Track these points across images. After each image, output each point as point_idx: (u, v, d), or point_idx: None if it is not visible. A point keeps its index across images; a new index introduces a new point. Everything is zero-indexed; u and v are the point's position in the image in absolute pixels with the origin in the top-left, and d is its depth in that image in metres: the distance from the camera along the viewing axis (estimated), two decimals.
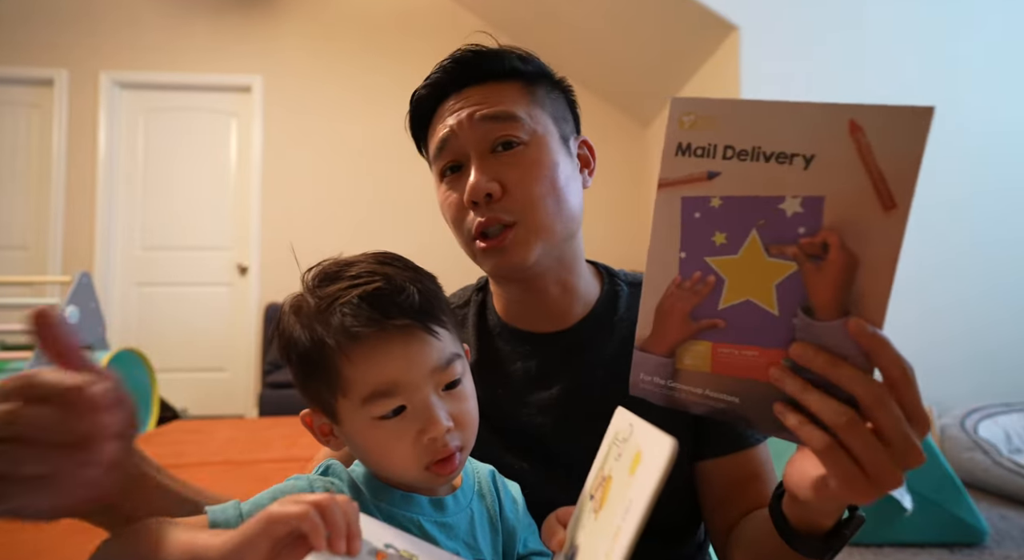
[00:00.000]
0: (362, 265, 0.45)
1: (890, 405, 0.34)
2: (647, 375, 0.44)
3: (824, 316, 0.36)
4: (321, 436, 0.48)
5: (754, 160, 0.37)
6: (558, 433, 0.61)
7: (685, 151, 0.40)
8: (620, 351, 0.63)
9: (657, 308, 0.42)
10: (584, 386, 0.62)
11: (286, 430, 2.53)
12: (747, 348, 0.39)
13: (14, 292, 3.46)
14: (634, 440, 0.38)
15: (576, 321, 0.65)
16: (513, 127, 0.59)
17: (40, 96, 3.74)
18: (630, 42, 3.08)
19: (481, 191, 0.57)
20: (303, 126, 3.85)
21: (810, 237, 0.35)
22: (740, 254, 0.38)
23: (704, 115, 0.39)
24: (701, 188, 0.39)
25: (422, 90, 0.64)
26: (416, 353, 0.43)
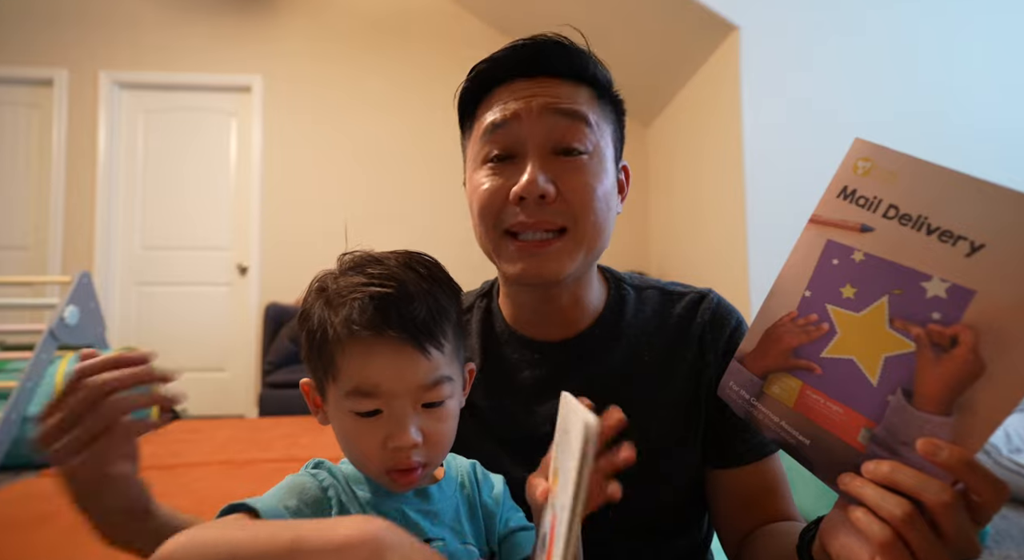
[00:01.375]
0: (385, 265, 0.46)
1: (958, 515, 0.33)
2: (736, 385, 0.45)
3: (922, 406, 0.34)
4: (313, 407, 0.50)
5: (915, 229, 0.35)
6: None
7: (848, 196, 0.38)
8: (628, 356, 0.63)
9: (766, 331, 0.42)
10: (593, 394, 0.62)
11: (286, 430, 2.53)
12: (834, 402, 0.39)
13: (14, 292, 3.46)
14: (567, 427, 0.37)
15: (584, 328, 0.64)
16: (580, 132, 0.55)
17: (40, 96, 3.73)
18: (630, 42, 3.08)
19: (537, 190, 0.53)
20: (303, 126, 3.85)
21: (942, 326, 0.33)
22: (862, 314, 0.37)
23: (882, 166, 0.37)
24: (850, 237, 0.38)
25: (487, 65, 0.59)
26: (404, 366, 0.44)
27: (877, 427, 0.37)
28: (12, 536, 1.33)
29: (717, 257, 2.84)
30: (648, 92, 3.45)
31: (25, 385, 2.33)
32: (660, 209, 3.68)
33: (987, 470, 0.33)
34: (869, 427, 0.37)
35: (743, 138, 2.52)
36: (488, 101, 0.59)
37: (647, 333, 0.64)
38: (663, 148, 3.60)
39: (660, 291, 0.67)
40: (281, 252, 3.77)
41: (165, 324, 3.72)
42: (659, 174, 3.68)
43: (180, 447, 2.27)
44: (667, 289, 0.67)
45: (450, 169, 3.79)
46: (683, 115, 3.24)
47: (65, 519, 1.43)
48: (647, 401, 0.61)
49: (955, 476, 0.33)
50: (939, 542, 0.34)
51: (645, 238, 3.89)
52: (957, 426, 0.33)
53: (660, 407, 0.61)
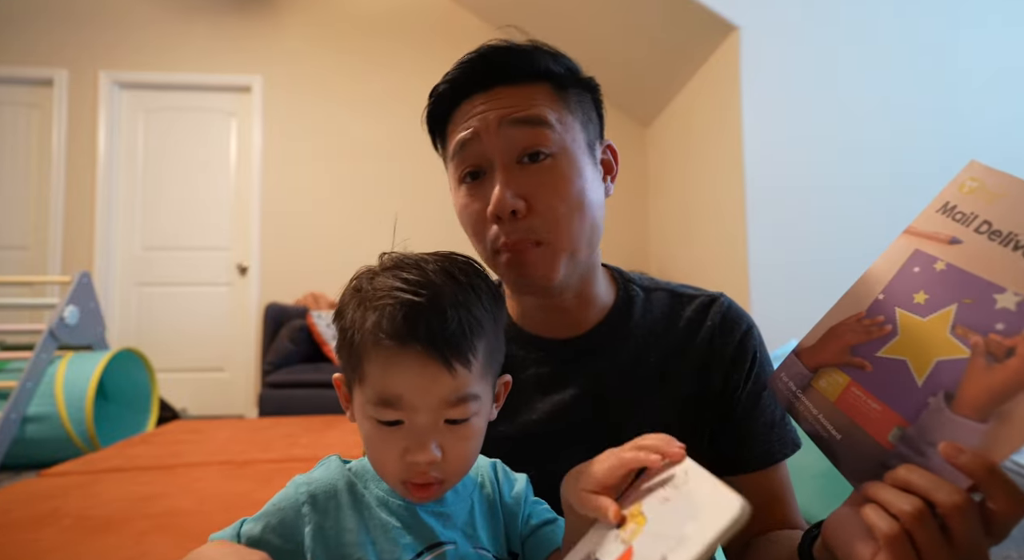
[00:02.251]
0: (422, 270, 0.44)
1: (971, 520, 0.33)
2: (787, 377, 0.46)
3: (960, 411, 0.35)
4: (344, 401, 0.49)
5: (1003, 244, 0.36)
6: (568, 438, 0.60)
7: (948, 211, 0.40)
8: (635, 356, 0.62)
9: (830, 329, 0.44)
10: (595, 391, 0.61)
11: (286, 430, 2.53)
12: (875, 400, 0.40)
13: (14, 292, 3.46)
14: (691, 490, 0.37)
15: (591, 327, 0.64)
16: (542, 136, 0.55)
17: (40, 96, 3.74)
18: (630, 42, 3.08)
19: (507, 208, 0.54)
20: (303, 126, 3.85)
21: (1003, 337, 0.34)
22: (927, 319, 0.38)
23: (988, 186, 0.39)
24: (937, 248, 0.39)
25: (443, 86, 0.60)
26: (428, 381, 0.42)
27: (910, 427, 0.37)
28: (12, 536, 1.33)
29: (717, 257, 2.84)
30: (648, 92, 3.45)
31: (25, 385, 2.33)
32: (660, 209, 3.68)
33: (1008, 479, 0.33)
34: (902, 426, 0.38)
35: (743, 138, 2.52)
36: (453, 121, 0.60)
37: (655, 334, 0.63)
38: (663, 148, 3.60)
39: (670, 293, 0.67)
40: (281, 252, 3.77)
41: (165, 324, 3.72)
42: (659, 174, 3.68)
43: (180, 447, 2.27)
44: (677, 291, 0.67)
45: None
46: (683, 115, 3.24)
47: (65, 519, 1.43)
48: (650, 401, 0.61)
49: (974, 481, 0.33)
50: (947, 546, 0.33)
51: (645, 238, 3.89)
52: (989, 433, 0.33)
53: (663, 408, 0.61)
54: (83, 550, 1.23)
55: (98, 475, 1.87)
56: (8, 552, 1.24)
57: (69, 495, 1.64)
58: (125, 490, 1.67)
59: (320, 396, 3.00)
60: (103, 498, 1.60)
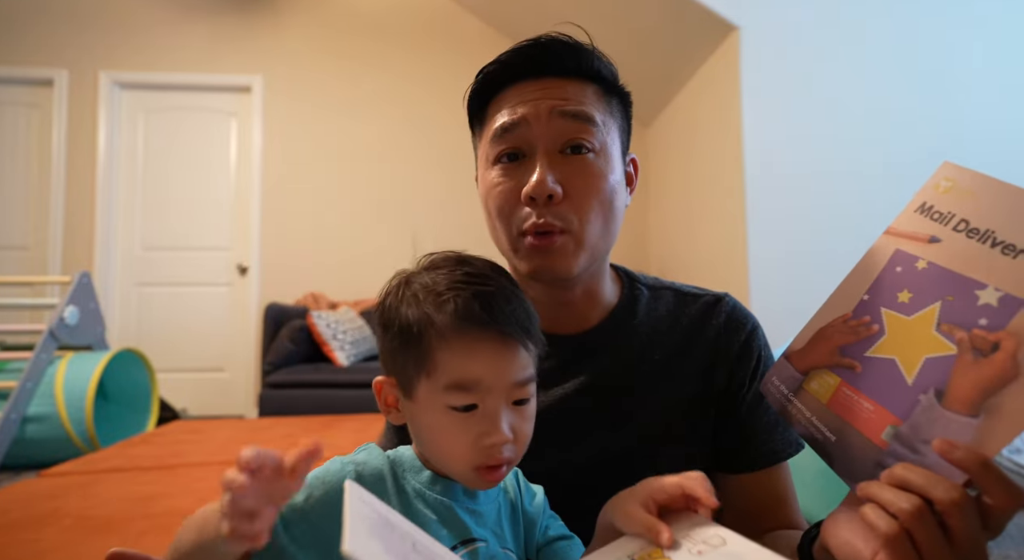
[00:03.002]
0: (480, 266, 0.48)
1: (968, 516, 0.33)
2: (778, 381, 0.47)
3: (951, 406, 0.36)
4: (384, 406, 0.50)
5: (980, 241, 0.37)
6: (568, 431, 0.61)
7: (926, 211, 0.40)
8: (638, 354, 0.63)
9: (818, 331, 0.44)
10: (598, 386, 0.62)
11: (286, 430, 2.53)
12: (867, 399, 0.40)
13: (14, 292, 3.46)
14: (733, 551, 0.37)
15: (595, 323, 0.64)
16: (587, 131, 0.57)
17: (40, 96, 3.74)
18: (630, 42, 3.08)
19: (546, 191, 0.55)
20: (303, 126, 3.85)
21: (987, 331, 0.35)
22: (913, 318, 0.39)
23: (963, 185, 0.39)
24: (917, 248, 0.40)
25: (495, 66, 0.60)
26: (505, 361, 0.45)
27: (903, 425, 0.38)
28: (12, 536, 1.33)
29: (717, 257, 2.84)
30: (648, 92, 3.45)
31: (25, 385, 2.33)
32: (660, 209, 3.68)
33: (1002, 472, 0.33)
34: (895, 424, 0.38)
35: (743, 138, 2.52)
36: (497, 102, 0.61)
37: (659, 332, 0.64)
38: (663, 148, 3.60)
39: (675, 292, 0.68)
40: (281, 252, 3.77)
41: (165, 324, 3.72)
42: (659, 174, 3.68)
43: (180, 447, 2.27)
44: (682, 291, 0.68)
45: (451, 168, 3.79)
46: (683, 115, 3.24)
47: (65, 519, 1.43)
48: (653, 399, 0.61)
49: (969, 475, 0.34)
50: (946, 543, 0.34)
51: (645, 238, 3.89)
52: (981, 428, 0.34)
53: (665, 406, 0.61)
54: (83, 550, 1.23)
55: (98, 475, 1.87)
56: (8, 552, 1.24)
57: (69, 495, 1.64)
58: (125, 490, 1.67)
59: (320, 396, 3.00)
60: (103, 498, 1.60)
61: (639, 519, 0.40)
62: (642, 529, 0.40)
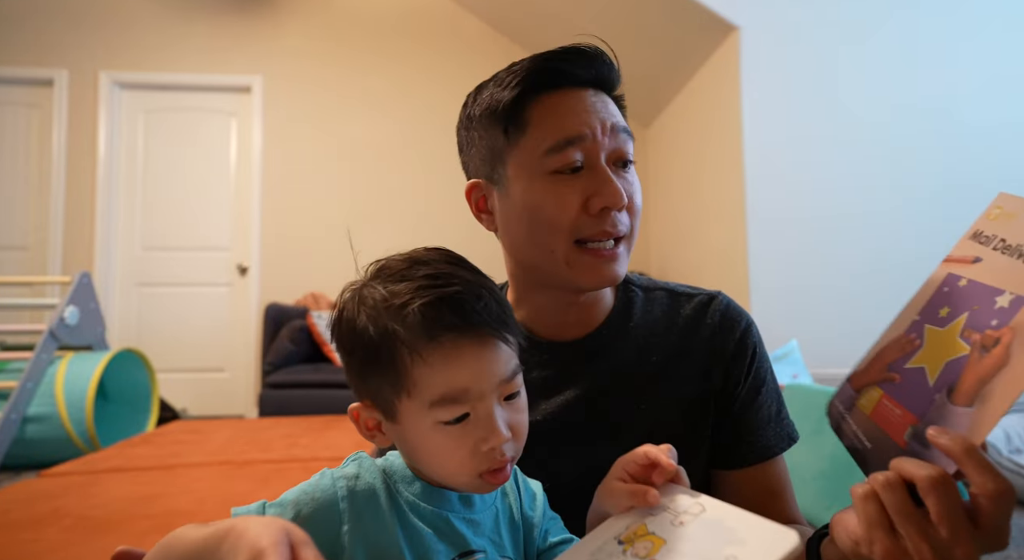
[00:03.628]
0: (435, 265, 0.44)
1: (943, 494, 0.34)
2: (838, 402, 0.49)
3: (956, 400, 0.38)
4: (366, 430, 0.47)
5: (1013, 257, 0.39)
6: (571, 439, 0.61)
7: (978, 237, 0.43)
8: (636, 359, 0.63)
9: (879, 351, 0.47)
10: (597, 392, 0.62)
11: (286, 430, 2.53)
12: (899, 407, 0.43)
13: (14, 292, 3.46)
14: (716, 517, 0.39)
15: (594, 328, 0.65)
16: (630, 145, 0.60)
17: (40, 96, 3.74)
18: (630, 42, 3.08)
19: (622, 203, 0.57)
20: (303, 126, 3.85)
21: (994, 330, 0.37)
22: (945, 329, 0.42)
23: (1009, 210, 0.42)
24: (963, 268, 0.43)
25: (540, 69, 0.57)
26: (489, 362, 0.42)
27: (919, 423, 0.40)
28: (12, 536, 1.33)
29: (717, 258, 2.84)
30: (648, 92, 3.45)
31: (25, 385, 2.33)
32: (660, 209, 3.68)
33: (986, 461, 0.34)
34: (914, 424, 0.40)
35: (743, 138, 2.52)
36: (541, 108, 0.57)
37: (655, 334, 0.64)
38: (663, 148, 3.60)
39: (669, 292, 0.68)
40: (281, 252, 3.77)
41: (165, 325, 3.72)
42: (659, 174, 3.68)
43: (180, 447, 2.27)
44: (676, 291, 0.68)
45: (451, 169, 3.79)
46: (683, 115, 3.24)
47: (65, 519, 1.43)
48: (653, 401, 0.61)
49: (953, 460, 0.35)
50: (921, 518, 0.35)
51: (645, 239, 3.89)
52: (973, 416, 0.36)
53: (666, 407, 0.61)
54: (83, 550, 1.23)
55: (98, 475, 1.87)
56: (8, 552, 1.24)
57: (69, 495, 1.64)
58: (125, 490, 1.67)
59: (320, 396, 3.00)
60: (103, 498, 1.60)
61: (621, 490, 0.42)
62: (627, 497, 0.42)
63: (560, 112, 0.57)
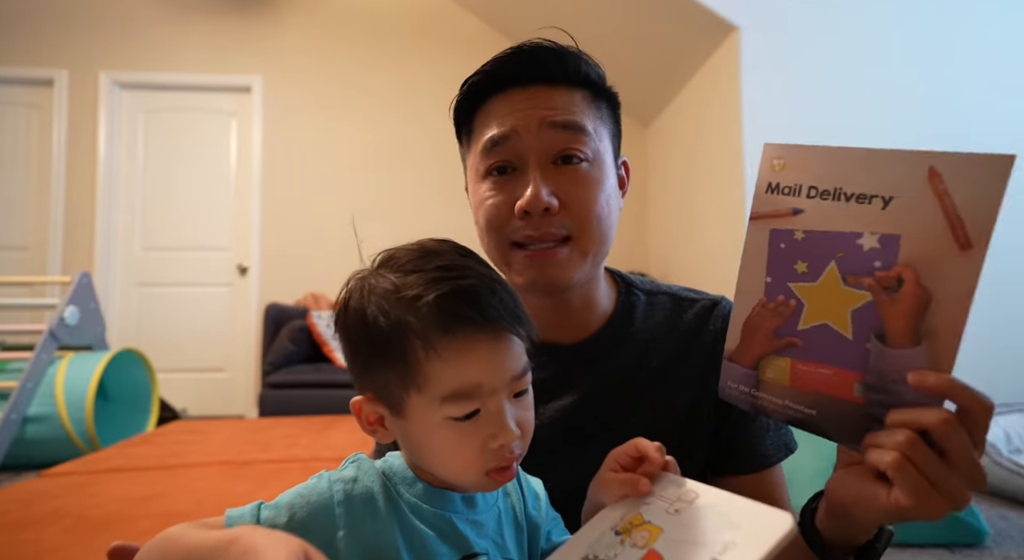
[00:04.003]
0: (447, 257, 0.43)
1: (958, 434, 0.36)
2: (734, 383, 0.48)
3: (896, 343, 0.39)
4: (367, 425, 0.45)
5: (835, 200, 0.41)
6: (568, 443, 0.60)
7: (774, 190, 0.44)
8: (637, 361, 0.62)
9: (744, 324, 0.46)
10: (598, 396, 0.61)
11: (286, 430, 2.53)
12: (823, 366, 0.43)
13: (14, 292, 3.46)
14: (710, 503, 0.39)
15: (593, 332, 0.64)
16: (579, 141, 0.56)
17: (40, 96, 3.74)
18: (630, 42, 3.08)
19: (541, 204, 0.54)
20: (303, 126, 3.85)
21: (885, 271, 0.39)
22: (819, 282, 0.42)
23: (794, 159, 0.43)
24: (787, 222, 0.43)
25: (480, 77, 0.58)
26: (503, 358, 0.41)
27: (866, 376, 0.41)
28: (12, 536, 1.33)
29: (717, 258, 2.84)
30: (648, 92, 3.45)
31: (25, 385, 2.33)
32: (660, 209, 3.68)
33: (969, 386, 0.36)
34: (861, 379, 0.41)
35: (743, 138, 2.52)
36: (485, 113, 0.59)
37: (657, 339, 0.63)
38: (663, 148, 3.60)
39: (671, 297, 0.67)
40: (281, 252, 3.78)
41: (165, 324, 3.72)
42: (659, 175, 3.68)
43: (180, 447, 2.27)
44: (679, 295, 0.67)
45: (451, 168, 3.79)
46: (683, 115, 3.24)
47: (65, 519, 1.43)
48: (653, 405, 0.61)
49: (945, 397, 0.37)
50: (945, 464, 0.36)
51: (644, 239, 3.89)
52: (928, 352, 0.38)
53: (666, 412, 0.61)
54: (83, 550, 1.23)
55: (98, 475, 1.87)
56: (8, 552, 1.24)
57: (69, 495, 1.64)
58: (125, 490, 1.67)
59: (320, 396, 3.00)
60: (103, 498, 1.60)
61: (615, 480, 0.43)
62: (621, 487, 0.43)
63: (493, 115, 0.58)
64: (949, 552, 1.53)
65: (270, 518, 0.40)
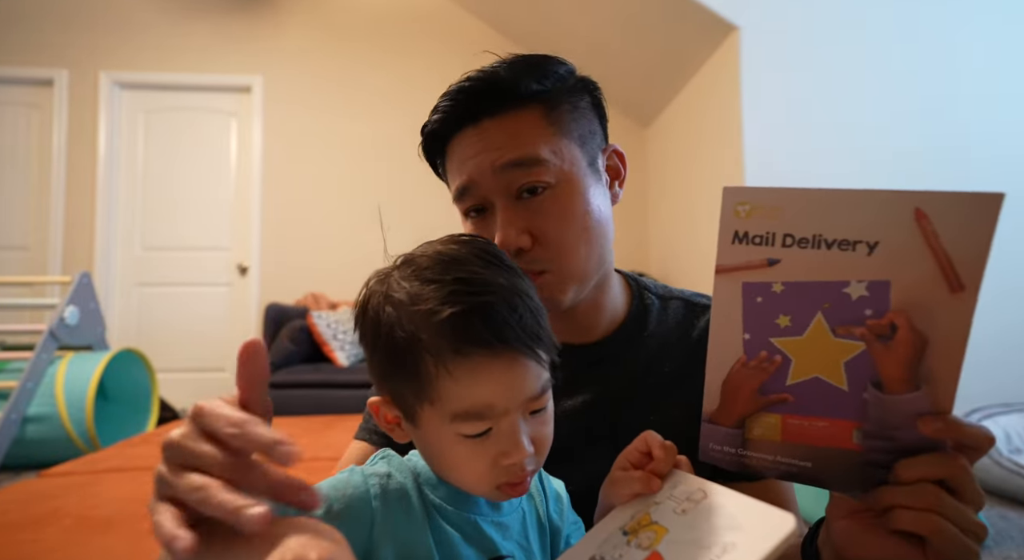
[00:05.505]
0: (466, 268, 0.41)
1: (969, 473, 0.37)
2: (716, 445, 0.45)
3: (894, 390, 0.38)
4: (385, 423, 0.45)
5: (815, 248, 0.38)
6: (577, 444, 0.60)
7: (742, 239, 0.40)
8: (647, 366, 0.62)
9: (723, 384, 0.43)
10: (607, 399, 0.61)
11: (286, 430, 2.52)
12: (817, 419, 0.41)
13: (14, 292, 3.46)
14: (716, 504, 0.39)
15: (604, 335, 0.63)
16: (536, 172, 0.55)
17: (40, 96, 3.74)
18: (630, 43, 3.08)
19: (512, 246, 0.54)
20: (303, 126, 3.85)
21: (877, 319, 0.37)
22: (805, 335, 0.40)
23: (760, 205, 0.39)
24: (761, 274, 0.40)
25: (433, 124, 0.59)
26: (518, 380, 0.40)
27: (865, 424, 0.40)
28: (12, 536, 1.33)
29: None
30: (648, 92, 3.45)
31: (25, 385, 2.33)
32: (660, 210, 3.68)
33: (971, 424, 0.37)
34: (859, 427, 0.40)
35: (743, 138, 2.52)
36: (450, 154, 0.60)
37: (668, 343, 0.63)
38: (662, 149, 3.60)
39: (684, 302, 0.67)
40: (281, 252, 3.78)
41: (165, 324, 3.72)
42: (659, 174, 3.68)
43: None
44: (692, 300, 0.67)
45: None
46: (683, 116, 3.24)
47: (65, 519, 1.43)
48: (662, 411, 0.61)
49: (951, 438, 0.37)
50: (964, 507, 0.37)
51: (645, 239, 3.89)
52: (929, 395, 0.37)
53: (676, 417, 0.60)
54: (83, 550, 1.23)
55: (98, 475, 1.87)
56: (8, 552, 1.24)
57: (69, 495, 1.64)
58: (125, 490, 1.67)
59: (320, 396, 2.99)
60: (103, 498, 1.60)
61: (625, 479, 0.43)
62: (631, 485, 0.42)
63: (454, 160, 0.59)
64: None
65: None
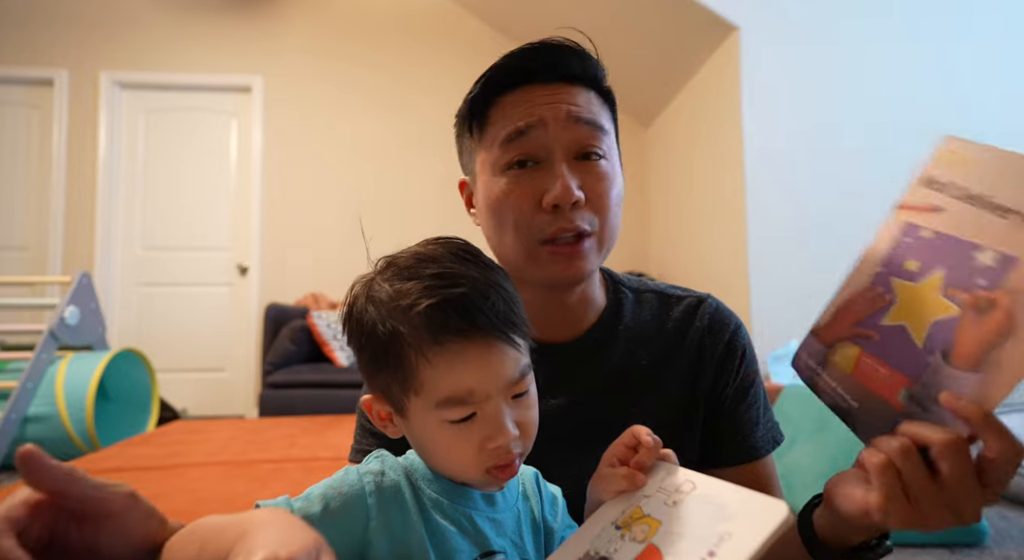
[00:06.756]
0: (442, 264, 0.43)
1: (959, 458, 0.36)
2: (806, 355, 0.48)
3: (955, 364, 0.37)
4: (379, 420, 0.47)
5: (977, 206, 0.38)
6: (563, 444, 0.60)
7: (929, 183, 0.42)
8: (625, 362, 0.63)
9: (842, 304, 0.46)
10: (591, 394, 0.62)
11: (286, 430, 2.53)
12: (883, 365, 0.42)
13: (14, 292, 3.46)
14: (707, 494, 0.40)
15: (585, 330, 0.64)
16: (599, 138, 0.58)
17: (40, 96, 3.74)
18: (630, 42, 3.08)
19: (572, 197, 0.54)
20: (303, 126, 3.85)
21: (987, 291, 0.36)
22: (919, 284, 0.41)
23: (962, 155, 0.40)
24: (924, 218, 0.41)
25: (500, 70, 0.58)
26: (496, 364, 0.42)
27: (915, 386, 0.40)
28: None
29: (717, 258, 2.84)
30: (648, 92, 3.46)
31: (25, 385, 2.33)
32: (660, 209, 3.68)
33: (1004, 426, 0.35)
34: (908, 386, 0.40)
35: (743, 138, 2.52)
36: (502, 105, 0.58)
37: (644, 337, 0.64)
38: (663, 149, 3.60)
39: (658, 295, 0.68)
40: (281, 252, 3.78)
41: (165, 324, 3.72)
42: (659, 174, 3.68)
43: (180, 447, 2.27)
44: (665, 293, 0.68)
45: (452, 168, 3.79)
46: (683, 116, 3.24)
47: None
48: (643, 403, 0.61)
49: (969, 425, 0.36)
50: (934, 481, 0.36)
51: (645, 239, 3.89)
52: (982, 381, 0.36)
53: (656, 410, 0.61)
54: None
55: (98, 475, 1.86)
56: None
57: None
58: None
59: (320, 396, 3.00)
60: None
61: (611, 475, 0.44)
62: (618, 482, 0.43)
63: (515, 106, 0.57)
64: (949, 552, 1.53)
65: (303, 509, 0.41)
